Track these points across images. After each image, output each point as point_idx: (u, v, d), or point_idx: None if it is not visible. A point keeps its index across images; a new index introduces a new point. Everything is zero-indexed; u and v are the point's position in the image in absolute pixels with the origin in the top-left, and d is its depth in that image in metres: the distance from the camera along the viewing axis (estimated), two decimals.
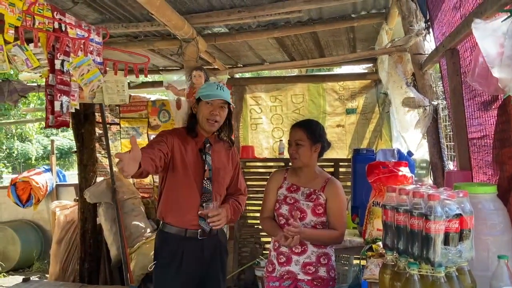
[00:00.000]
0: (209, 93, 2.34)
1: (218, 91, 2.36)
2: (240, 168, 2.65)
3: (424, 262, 1.34)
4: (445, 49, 2.21)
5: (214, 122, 2.36)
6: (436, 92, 2.91)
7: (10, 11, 1.74)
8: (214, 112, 2.35)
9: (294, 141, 2.39)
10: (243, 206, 2.60)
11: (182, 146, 2.35)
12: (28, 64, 1.95)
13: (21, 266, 5.93)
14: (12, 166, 14.48)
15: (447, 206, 1.34)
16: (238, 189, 2.61)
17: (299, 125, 2.45)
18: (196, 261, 2.34)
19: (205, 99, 2.34)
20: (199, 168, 2.37)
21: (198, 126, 2.42)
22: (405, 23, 2.96)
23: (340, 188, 2.43)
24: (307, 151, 2.39)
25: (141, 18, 3.47)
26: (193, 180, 2.34)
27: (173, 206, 2.35)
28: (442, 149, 2.85)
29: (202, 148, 2.40)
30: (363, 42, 4.40)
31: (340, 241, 2.40)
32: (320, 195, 2.36)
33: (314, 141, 2.39)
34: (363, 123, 5.06)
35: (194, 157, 2.37)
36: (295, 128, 2.44)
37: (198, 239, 2.34)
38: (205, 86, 2.46)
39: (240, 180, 2.62)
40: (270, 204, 2.47)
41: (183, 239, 2.33)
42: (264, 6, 3.25)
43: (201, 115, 2.37)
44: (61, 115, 2.15)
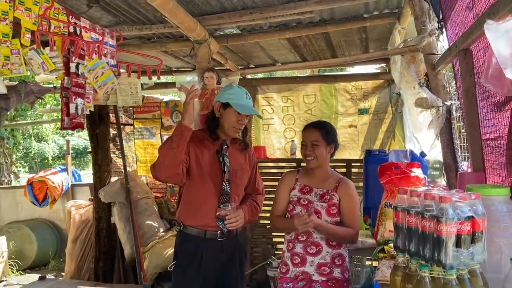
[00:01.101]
0: (243, 104, 2.34)
1: (248, 101, 2.38)
2: (257, 168, 2.66)
3: (436, 264, 1.33)
4: (458, 50, 2.19)
5: (239, 129, 2.39)
6: (449, 93, 2.88)
7: (26, 15, 1.79)
8: (242, 122, 2.37)
9: (310, 141, 2.39)
10: (261, 206, 2.61)
11: (198, 149, 2.37)
12: (44, 67, 2.00)
13: (37, 264, 6.03)
14: (29, 165, 14.74)
15: (459, 208, 1.33)
16: (256, 189, 2.62)
17: (314, 126, 2.45)
18: (215, 262, 2.36)
19: (239, 110, 2.32)
20: (216, 170, 2.38)
21: (218, 129, 2.42)
22: (418, 23, 2.94)
23: (353, 187, 2.43)
24: (323, 151, 2.39)
25: (154, 21, 3.51)
26: (211, 182, 2.35)
27: (192, 209, 2.37)
28: (455, 150, 2.82)
29: (219, 150, 2.41)
30: (375, 42, 4.38)
31: (355, 239, 2.39)
32: (334, 195, 2.36)
33: (329, 141, 2.40)
34: (375, 124, 5.03)
35: (211, 160, 2.38)
36: (310, 129, 2.44)
37: (217, 240, 2.35)
38: (235, 92, 2.39)
39: (258, 180, 2.64)
40: (281, 204, 2.48)
41: (203, 240, 2.35)
42: (275, 7, 3.26)
43: (227, 122, 2.37)
44: (76, 117, 2.19)
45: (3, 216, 6.45)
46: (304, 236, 2.35)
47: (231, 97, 2.36)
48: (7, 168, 8.76)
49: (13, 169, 9.24)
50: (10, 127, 8.71)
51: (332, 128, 2.49)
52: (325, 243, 2.34)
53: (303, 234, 2.35)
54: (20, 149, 11.50)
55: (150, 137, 5.65)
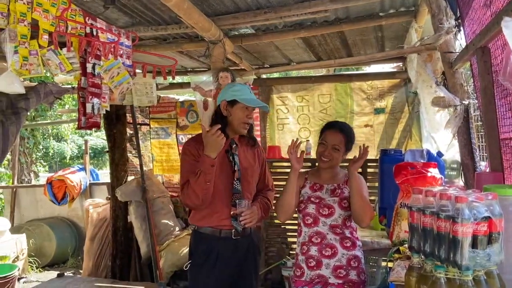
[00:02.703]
0: (249, 98, 2.35)
1: (252, 96, 2.40)
2: (266, 164, 2.66)
3: (451, 265, 1.32)
4: (476, 48, 2.16)
5: (248, 124, 2.39)
6: (467, 91, 2.83)
7: (44, 17, 1.82)
8: (250, 116, 2.39)
9: (332, 145, 2.35)
10: (272, 202, 2.62)
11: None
12: (61, 68, 2.04)
13: (56, 261, 6.15)
14: (49, 165, 15.02)
15: (475, 208, 1.31)
16: (266, 185, 2.62)
17: (340, 129, 2.40)
18: (230, 261, 2.37)
19: (248, 103, 2.34)
20: (227, 169, 2.39)
21: (227, 128, 2.42)
22: (434, 21, 2.90)
23: (362, 178, 2.41)
24: (340, 157, 2.38)
25: (170, 21, 3.54)
26: (222, 183, 2.36)
27: (204, 212, 2.37)
28: (473, 149, 2.77)
29: (229, 149, 2.42)
30: (391, 40, 4.33)
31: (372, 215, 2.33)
32: (345, 188, 2.36)
33: (348, 149, 2.40)
34: (392, 123, 4.97)
35: (221, 159, 2.38)
36: (336, 132, 2.38)
37: (232, 239, 2.36)
38: (240, 89, 2.41)
39: (267, 176, 2.64)
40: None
41: (218, 239, 2.36)
42: (290, 7, 3.25)
43: (236, 118, 2.37)
44: (93, 117, 2.23)
45: (24, 214, 6.59)
46: (318, 238, 2.33)
47: (237, 93, 2.38)
48: (28, 167, 8.95)
49: (33, 168, 9.43)
50: (30, 127, 8.89)
51: (354, 135, 2.47)
52: (340, 244, 2.31)
53: (317, 236, 2.33)
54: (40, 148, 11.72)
55: (166, 137, 5.70)
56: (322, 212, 2.33)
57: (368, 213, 2.29)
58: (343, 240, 2.32)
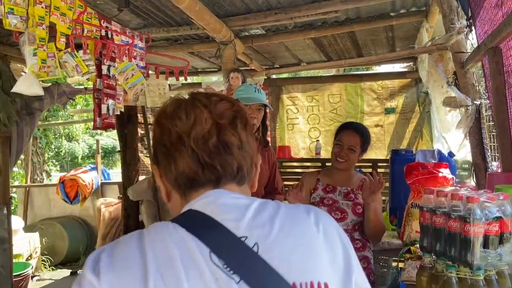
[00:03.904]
0: (248, 96, 2.37)
1: (256, 94, 2.39)
2: (277, 167, 2.67)
3: (463, 264, 1.33)
4: (487, 48, 2.15)
5: (253, 124, 2.40)
6: (478, 91, 2.82)
7: (61, 20, 1.87)
8: (252, 115, 2.38)
9: (348, 145, 2.32)
10: None
11: None
12: (77, 70, 2.08)
13: (68, 260, 6.21)
14: (60, 164, 15.19)
15: (487, 208, 1.32)
16: (275, 188, 2.63)
17: (357, 130, 2.37)
18: None
19: (245, 102, 2.35)
20: None
21: None
22: (446, 21, 2.89)
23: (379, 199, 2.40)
24: (356, 158, 2.35)
25: (181, 23, 3.58)
26: None
27: None
28: (485, 150, 2.76)
29: None
30: (402, 40, 4.32)
31: (383, 233, 2.36)
32: (359, 194, 2.32)
33: (364, 149, 2.37)
34: (402, 123, 4.96)
35: None
36: (352, 132, 2.35)
37: None
38: (243, 89, 2.48)
39: (277, 179, 2.65)
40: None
41: None
42: (300, 7, 3.27)
43: None
44: (108, 117, 2.28)
45: (36, 213, 6.68)
46: None
47: (240, 93, 2.42)
48: (40, 167, 9.06)
49: (45, 168, 9.56)
50: (42, 127, 9.01)
51: (369, 136, 2.43)
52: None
53: None
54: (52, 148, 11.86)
55: None
56: (334, 216, 2.31)
57: (381, 233, 2.34)
58: (353, 241, 2.31)
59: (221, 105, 0.83)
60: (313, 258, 0.73)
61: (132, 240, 0.72)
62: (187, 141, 0.78)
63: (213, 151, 0.78)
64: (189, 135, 0.78)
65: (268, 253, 0.70)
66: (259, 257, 0.69)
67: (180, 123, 0.79)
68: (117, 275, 0.67)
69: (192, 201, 0.78)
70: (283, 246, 0.71)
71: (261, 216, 0.74)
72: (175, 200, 0.83)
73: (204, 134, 0.78)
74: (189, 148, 0.78)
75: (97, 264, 0.69)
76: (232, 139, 0.80)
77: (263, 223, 0.73)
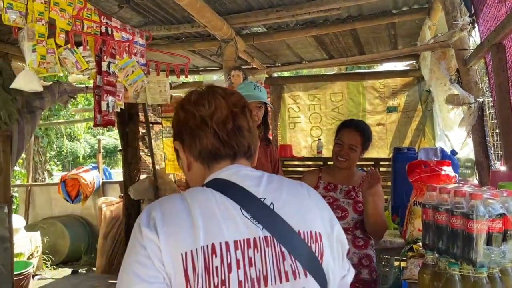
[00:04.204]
0: (248, 94, 2.35)
1: (256, 92, 2.37)
2: (279, 165, 2.66)
3: (466, 262, 1.31)
4: (490, 44, 2.13)
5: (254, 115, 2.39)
6: (481, 89, 2.80)
7: (61, 16, 1.86)
8: (252, 113, 2.36)
9: (348, 144, 2.29)
10: None
11: None
12: (77, 66, 2.07)
13: (70, 259, 6.21)
14: (62, 164, 15.21)
15: (490, 205, 1.30)
16: None
17: (357, 129, 2.33)
18: None
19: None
20: None
21: None
22: (448, 18, 2.87)
23: (380, 192, 2.38)
24: (357, 157, 2.32)
25: (182, 20, 3.57)
26: None
27: None
28: (488, 147, 2.74)
29: None
30: (404, 38, 4.30)
31: (385, 229, 2.31)
32: (360, 191, 2.30)
33: (365, 147, 2.33)
34: (404, 122, 4.94)
35: None
36: (353, 131, 2.32)
37: None
38: (243, 86, 2.47)
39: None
40: None
41: None
42: (302, 5, 3.25)
43: None
44: (108, 114, 2.27)
45: (38, 212, 6.68)
46: None
47: (240, 91, 2.37)
48: (41, 166, 9.07)
49: (47, 167, 9.56)
50: (44, 126, 9.01)
51: (371, 133, 2.39)
52: (352, 244, 2.28)
53: None
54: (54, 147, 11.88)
55: None
56: (335, 214, 2.30)
57: (383, 229, 2.28)
58: (355, 239, 2.30)
59: (234, 97, 1.07)
60: (309, 215, 1.01)
61: (176, 201, 0.93)
62: (210, 123, 1.00)
63: (230, 132, 1.02)
64: (211, 118, 1.00)
65: (280, 210, 0.96)
66: (275, 213, 0.95)
67: (203, 109, 1.02)
68: (171, 228, 0.87)
69: (216, 172, 1.01)
70: (290, 206, 0.99)
71: (272, 184, 1.02)
72: (196, 170, 1.05)
73: (224, 119, 1.01)
74: (211, 129, 1.00)
75: (151, 221, 0.88)
76: (244, 124, 1.05)
77: (275, 189, 1.01)
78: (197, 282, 0.84)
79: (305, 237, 0.96)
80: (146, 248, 0.85)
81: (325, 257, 0.98)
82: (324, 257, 0.98)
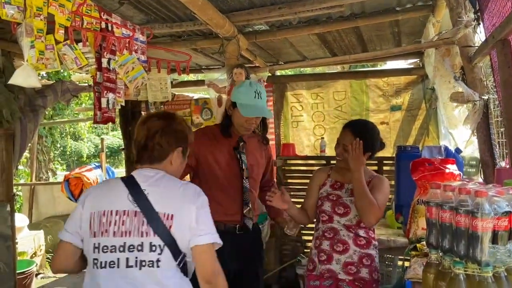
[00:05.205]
0: (247, 104, 2.27)
1: (255, 101, 2.28)
2: (272, 162, 2.69)
3: (471, 261, 1.29)
4: (496, 40, 2.10)
5: (249, 129, 2.36)
6: (486, 86, 2.77)
7: (60, 12, 1.84)
8: (250, 121, 2.32)
9: (343, 144, 2.30)
10: None
11: (212, 148, 2.36)
12: (77, 62, 2.05)
13: None
14: (66, 163, 15.27)
15: (496, 203, 1.28)
16: (269, 180, 2.66)
17: (351, 128, 2.34)
18: (234, 255, 2.36)
19: (243, 113, 2.25)
20: (234, 167, 2.37)
21: (232, 127, 2.39)
22: (453, 15, 2.84)
23: (386, 181, 2.35)
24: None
25: (184, 18, 3.55)
26: (229, 179, 2.35)
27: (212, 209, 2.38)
28: (493, 146, 2.71)
29: (237, 147, 2.40)
30: (408, 36, 4.26)
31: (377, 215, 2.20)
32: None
33: (366, 148, 2.27)
34: (408, 120, 4.90)
35: (228, 156, 2.37)
36: (346, 130, 2.33)
37: (236, 233, 2.36)
38: (243, 91, 2.32)
39: (273, 173, 2.67)
40: (309, 200, 2.44)
41: (221, 233, 2.35)
42: (305, 2, 3.23)
43: (236, 121, 2.34)
44: (107, 111, 2.25)
45: (42, 211, 6.70)
46: (331, 233, 2.31)
47: (239, 96, 2.31)
48: (45, 165, 9.10)
49: (51, 166, 9.59)
50: (48, 125, 9.04)
51: (370, 132, 2.36)
52: (353, 242, 2.28)
53: (330, 231, 2.31)
54: (58, 147, 11.92)
55: None
56: (337, 211, 2.29)
57: (372, 215, 2.17)
58: (356, 237, 2.29)
59: (152, 124, 1.71)
60: (170, 203, 1.58)
61: (103, 182, 2.00)
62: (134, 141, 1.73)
63: (140, 148, 1.68)
64: (136, 138, 1.71)
65: (151, 197, 1.57)
66: (147, 199, 1.56)
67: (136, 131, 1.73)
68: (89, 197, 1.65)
69: (134, 171, 1.68)
70: (159, 195, 1.58)
71: (155, 181, 1.62)
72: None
73: (139, 139, 1.69)
74: (135, 144, 1.71)
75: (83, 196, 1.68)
76: (149, 143, 1.67)
77: (155, 184, 1.61)
78: (93, 229, 1.55)
79: (160, 215, 1.53)
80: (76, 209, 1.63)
81: (172, 228, 1.54)
82: (172, 228, 1.54)
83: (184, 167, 1.82)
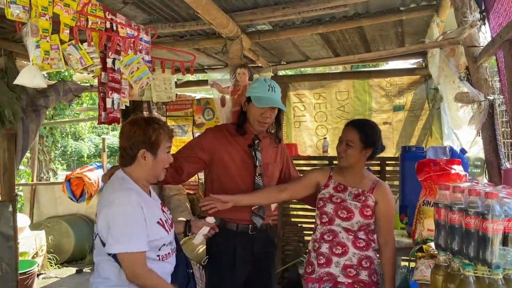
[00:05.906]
0: (261, 96, 2.30)
1: (269, 94, 2.31)
2: (291, 161, 2.64)
3: (480, 263, 1.28)
4: (503, 40, 2.09)
5: (264, 123, 2.35)
6: (492, 86, 2.75)
7: (65, 11, 1.83)
8: (265, 115, 2.31)
9: (346, 140, 2.27)
10: None
11: (227, 145, 2.36)
12: (82, 62, 2.04)
13: (74, 258, 6.21)
14: (67, 163, 15.24)
15: (506, 204, 1.27)
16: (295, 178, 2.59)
17: (354, 125, 2.32)
18: (247, 255, 2.36)
19: (256, 103, 2.28)
20: (249, 164, 2.37)
21: (247, 124, 2.40)
22: (458, 14, 2.83)
23: (390, 191, 2.31)
24: (356, 154, 2.26)
25: (187, 18, 3.54)
26: (243, 177, 2.35)
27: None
28: (498, 146, 2.70)
29: (251, 144, 2.40)
30: (412, 36, 4.25)
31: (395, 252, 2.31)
32: (370, 196, 2.24)
33: (366, 145, 2.26)
34: (411, 121, 4.89)
35: (243, 154, 2.37)
36: (349, 127, 2.31)
37: (249, 234, 2.35)
38: (257, 86, 2.37)
39: (293, 173, 2.61)
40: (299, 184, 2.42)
41: (235, 233, 2.35)
42: (308, 2, 3.21)
43: (251, 116, 2.34)
44: (113, 112, 2.24)
45: (43, 211, 6.68)
46: (330, 236, 2.26)
47: (252, 90, 2.34)
48: (46, 165, 9.07)
49: (52, 166, 9.57)
50: (48, 125, 9.02)
51: (374, 130, 2.32)
52: (352, 244, 2.23)
53: (329, 234, 2.27)
54: (58, 147, 11.88)
55: (183, 135, 5.72)
56: (340, 214, 2.24)
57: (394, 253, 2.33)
58: (356, 240, 2.25)
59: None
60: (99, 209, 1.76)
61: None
62: None
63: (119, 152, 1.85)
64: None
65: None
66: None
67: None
68: None
69: None
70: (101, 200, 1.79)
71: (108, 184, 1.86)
72: None
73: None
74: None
75: None
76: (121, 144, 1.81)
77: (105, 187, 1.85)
78: None
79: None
80: None
81: (98, 234, 1.75)
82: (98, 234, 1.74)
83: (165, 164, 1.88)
